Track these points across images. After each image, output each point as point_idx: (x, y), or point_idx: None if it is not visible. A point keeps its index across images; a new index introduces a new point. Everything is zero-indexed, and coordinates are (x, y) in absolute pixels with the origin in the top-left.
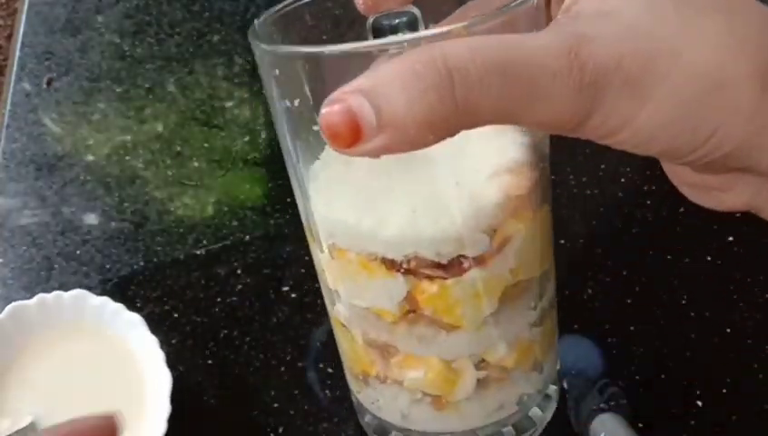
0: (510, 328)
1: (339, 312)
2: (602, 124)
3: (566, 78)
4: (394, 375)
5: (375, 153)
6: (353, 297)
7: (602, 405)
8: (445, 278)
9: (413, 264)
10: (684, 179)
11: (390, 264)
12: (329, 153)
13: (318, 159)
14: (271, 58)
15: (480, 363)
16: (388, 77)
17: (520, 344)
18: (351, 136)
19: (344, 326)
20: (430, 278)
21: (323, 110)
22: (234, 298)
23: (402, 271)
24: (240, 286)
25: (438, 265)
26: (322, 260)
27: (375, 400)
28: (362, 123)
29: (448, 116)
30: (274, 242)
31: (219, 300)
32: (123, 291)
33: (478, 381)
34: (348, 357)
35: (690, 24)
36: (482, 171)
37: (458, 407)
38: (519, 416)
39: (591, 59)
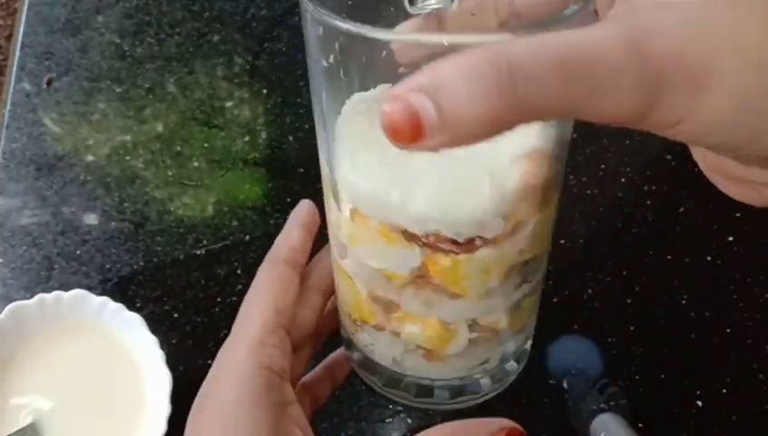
0: (508, 299)
1: (347, 265)
2: (662, 119)
3: (626, 73)
4: (392, 327)
5: (436, 149)
6: (367, 258)
7: (602, 405)
8: (458, 253)
9: (431, 239)
10: (725, 171)
11: (411, 237)
12: (350, 108)
13: (339, 114)
14: (325, 29)
15: (473, 325)
16: (451, 76)
17: (512, 311)
18: (413, 134)
19: (350, 278)
20: (445, 252)
21: (385, 107)
22: (234, 298)
23: (420, 244)
24: (240, 286)
25: (455, 242)
26: (340, 218)
27: (369, 344)
28: (424, 121)
29: (510, 112)
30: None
31: (219, 300)
32: (123, 291)
33: (469, 340)
34: (348, 304)
35: (752, 10)
36: (504, 156)
37: (448, 360)
38: (498, 369)
39: (652, 54)
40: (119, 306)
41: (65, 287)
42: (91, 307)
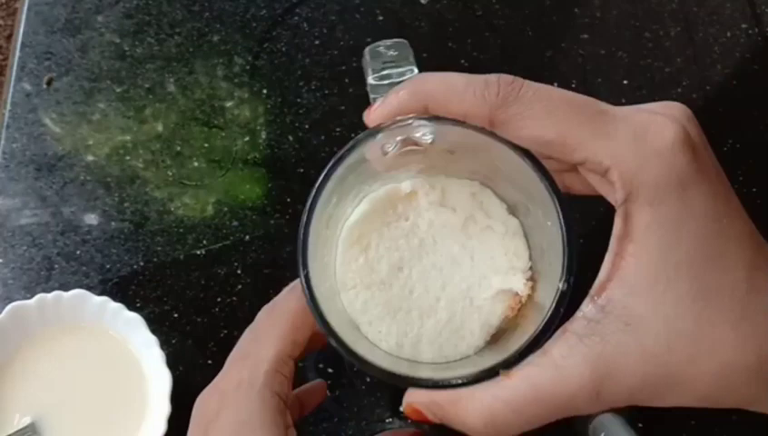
0: None
1: None
2: None
3: (585, 409)
4: None
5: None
6: None
7: None
8: None
9: None
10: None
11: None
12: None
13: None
14: None
15: None
16: (456, 419)
17: None
18: (423, 421)
19: None
20: None
21: (407, 403)
22: (234, 298)
23: None
24: (239, 286)
25: None
26: None
27: None
28: (433, 421)
29: None
30: (274, 242)
31: (219, 300)
32: (123, 291)
33: None
34: None
35: (703, 342)
36: (489, 291)
37: None
38: None
39: (608, 397)
40: (119, 306)
41: (65, 287)
42: (91, 307)
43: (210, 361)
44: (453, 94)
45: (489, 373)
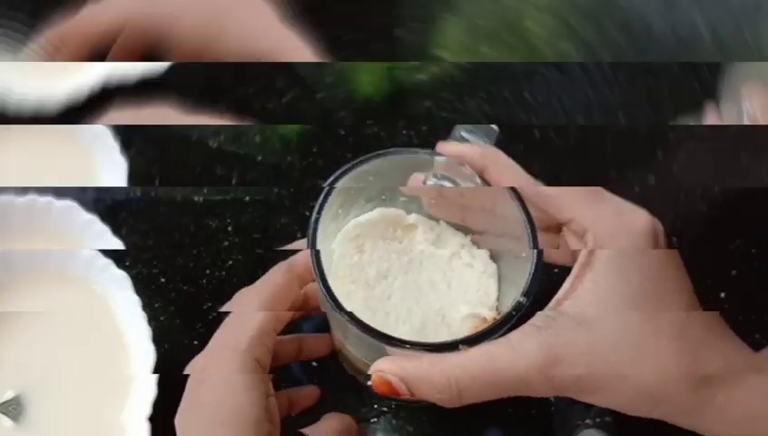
0: None
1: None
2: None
3: (537, 388)
4: None
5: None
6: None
7: (587, 421)
8: None
9: None
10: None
11: None
12: (344, 234)
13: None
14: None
15: None
16: (420, 384)
17: None
18: (390, 394)
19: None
20: None
21: (375, 371)
22: (223, 272)
23: None
24: (230, 262)
25: None
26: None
27: None
28: (399, 391)
29: (453, 404)
30: (272, 210)
31: (207, 272)
32: (113, 215)
33: None
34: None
35: (645, 346)
36: (460, 311)
37: None
38: None
39: (557, 378)
40: (107, 262)
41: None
42: (79, 224)
43: (196, 342)
44: (509, 169)
45: (452, 346)
